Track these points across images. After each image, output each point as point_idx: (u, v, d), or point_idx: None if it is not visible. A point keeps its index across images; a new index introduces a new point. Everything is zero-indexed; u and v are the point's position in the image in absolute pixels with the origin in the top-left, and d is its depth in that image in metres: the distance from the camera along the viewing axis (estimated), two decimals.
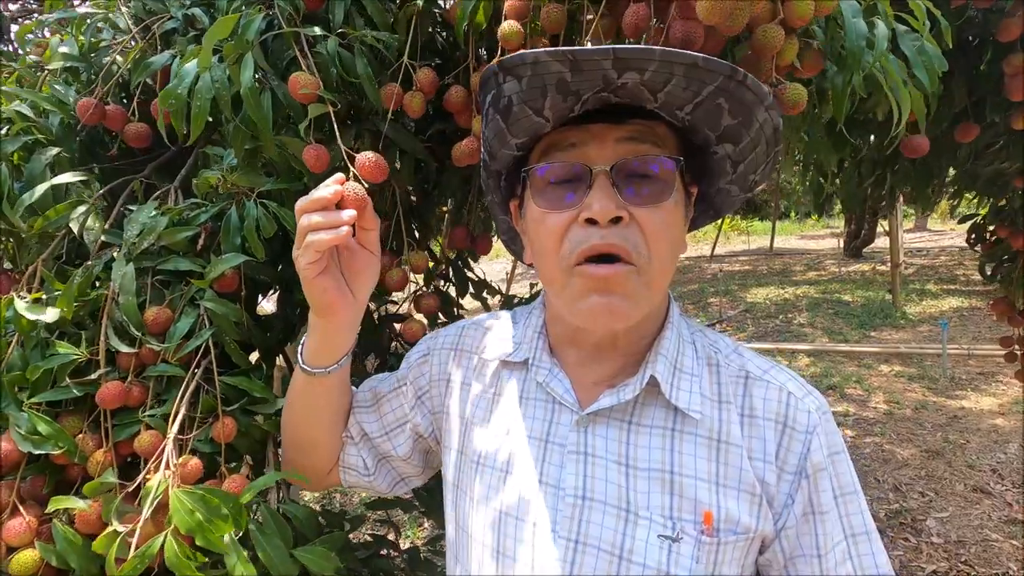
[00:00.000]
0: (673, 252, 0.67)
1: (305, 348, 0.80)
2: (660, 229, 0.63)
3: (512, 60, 0.61)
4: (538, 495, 0.68)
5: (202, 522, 0.73)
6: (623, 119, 0.64)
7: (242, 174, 0.91)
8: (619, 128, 0.64)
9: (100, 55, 1.07)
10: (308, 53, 0.84)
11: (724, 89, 0.60)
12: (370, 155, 0.76)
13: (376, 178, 0.77)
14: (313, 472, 0.87)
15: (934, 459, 3.74)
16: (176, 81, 0.80)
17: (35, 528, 0.82)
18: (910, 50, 0.91)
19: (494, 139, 0.70)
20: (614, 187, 0.62)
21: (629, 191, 0.62)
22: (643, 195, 0.63)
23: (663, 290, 0.68)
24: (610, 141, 0.64)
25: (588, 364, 0.73)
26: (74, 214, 0.96)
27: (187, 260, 0.94)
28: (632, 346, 0.71)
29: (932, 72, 0.93)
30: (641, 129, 0.65)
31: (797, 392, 0.68)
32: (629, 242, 0.62)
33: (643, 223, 0.62)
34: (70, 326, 0.92)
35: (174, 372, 0.89)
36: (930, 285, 8.87)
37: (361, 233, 0.75)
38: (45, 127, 1.01)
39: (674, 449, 0.66)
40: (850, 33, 0.78)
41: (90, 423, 0.88)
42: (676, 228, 0.66)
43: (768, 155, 0.69)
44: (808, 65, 0.83)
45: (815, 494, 0.64)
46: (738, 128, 0.65)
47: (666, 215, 0.64)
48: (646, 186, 0.63)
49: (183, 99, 0.80)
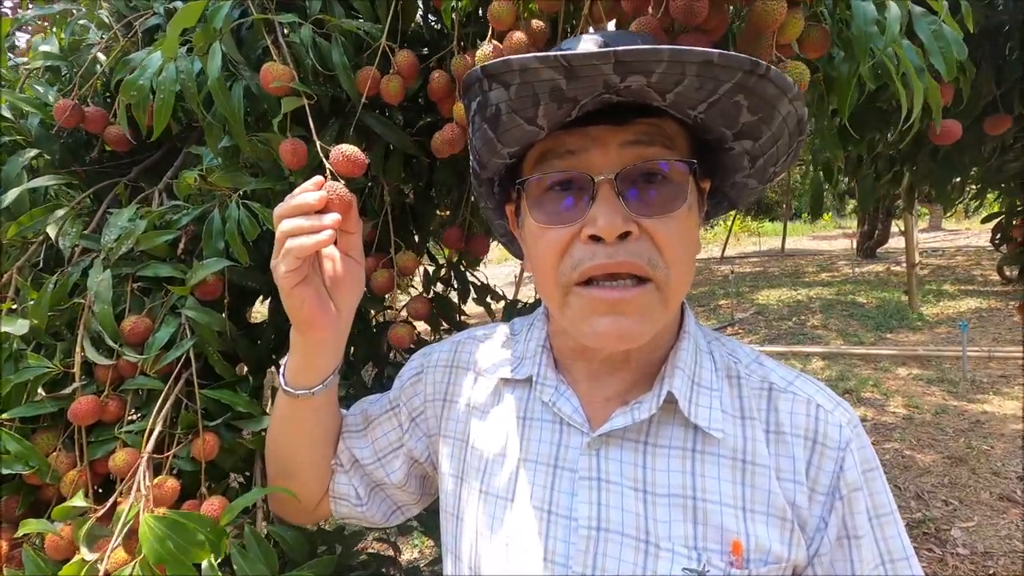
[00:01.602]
0: (691, 260, 0.61)
1: (287, 367, 0.73)
2: (675, 239, 0.56)
3: (496, 67, 0.53)
4: (548, 527, 0.62)
5: (173, 551, 0.67)
6: (627, 119, 0.57)
7: (224, 174, 0.86)
8: (623, 130, 0.57)
9: (82, 54, 1.02)
10: (282, 43, 0.79)
11: (743, 85, 0.52)
12: (345, 148, 0.70)
13: (352, 173, 0.70)
14: (301, 505, 0.80)
15: (957, 466, 3.61)
16: (139, 71, 0.75)
17: (6, 553, 0.77)
18: (926, 34, 0.83)
19: (483, 148, 0.63)
20: (620, 197, 0.55)
21: (638, 201, 0.56)
22: (653, 205, 0.56)
23: (680, 303, 0.62)
24: (614, 146, 0.57)
25: (598, 379, 0.66)
26: (52, 219, 0.91)
27: (168, 266, 0.89)
28: (646, 359, 0.65)
29: (950, 59, 0.85)
30: (648, 130, 0.57)
31: (826, 405, 0.61)
32: (643, 257, 0.55)
33: (655, 235, 0.56)
34: (46, 337, 0.87)
35: (153, 385, 0.83)
36: (947, 286, 8.69)
37: (343, 238, 0.68)
38: (24, 128, 0.97)
39: (695, 472, 0.60)
40: (857, 16, 0.71)
41: (65, 439, 0.83)
42: (691, 234, 0.60)
43: (791, 146, 0.62)
44: (811, 44, 0.75)
45: (850, 516, 0.58)
46: (758, 124, 0.57)
47: (680, 223, 0.57)
48: (657, 194, 0.56)
49: (145, 90, 0.75)
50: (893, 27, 0.73)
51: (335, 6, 0.83)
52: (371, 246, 1.03)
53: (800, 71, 0.70)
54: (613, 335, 0.56)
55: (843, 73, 0.79)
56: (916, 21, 0.83)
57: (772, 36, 0.70)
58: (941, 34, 0.84)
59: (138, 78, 0.75)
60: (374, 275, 0.99)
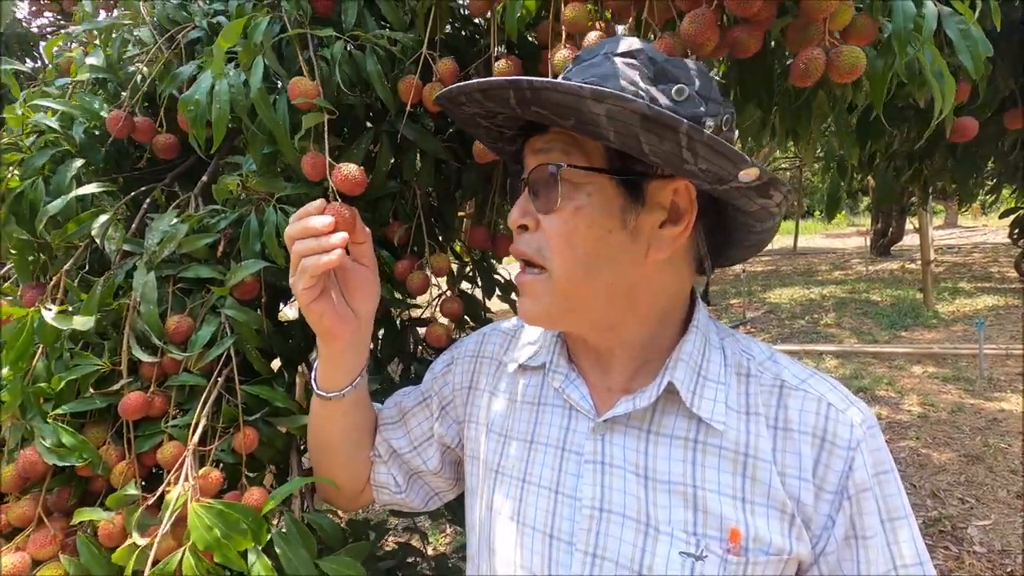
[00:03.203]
0: (581, 256, 0.62)
1: (317, 374, 0.79)
2: (559, 234, 0.62)
3: (439, 99, 0.66)
4: (555, 505, 0.66)
5: (220, 538, 0.71)
6: (546, 128, 0.64)
7: (261, 179, 0.90)
8: (540, 138, 0.65)
9: (126, 66, 1.07)
10: (315, 57, 0.83)
11: (532, 100, 0.57)
12: (351, 168, 0.77)
13: (352, 191, 0.77)
14: (344, 494, 0.86)
15: (974, 464, 3.59)
16: (194, 88, 0.79)
17: (60, 541, 0.81)
18: (955, 33, 0.85)
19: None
20: (533, 195, 0.64)
21: (536, 199, 0.64)
22: (542, 202, 0.63)
23: (580, 294, 0.63)
24: (532, 151, 0.66)
25: (602, 369, 0.70)
26: (96, 224, 0.95)
27: (208, 267, 0.93)
28: (639, 352, 0.68)
29: (977, 57, 0.87)
30: (556, 138, 0.63)
31: (839, 404, 0.62)
32: (531, 247, 0.64)
33: (544, 229, 0.63)
34: (93, 336, 0.91)
35: (195, 381, 0.87)
36: (963, 283, 8.59)
37: (353, 248, 0.74)
38: (71, 138, 1.01)
39: (696, 462, 0.62)
40: (897, 14, 0.73)
41: (113, 434, 0.88)
42: (581, 233, 0.61)
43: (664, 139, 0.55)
44: (858, 34, 0.77)
45: (858, 516, 0.59)
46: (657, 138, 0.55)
47: (565, 221, 0.62)
48: (545, 194, 0.63)
49: (202, 105, 0.79)
50: (930, 25, 0.75)
51: (368, 19, 0.87)
52: (405, 249, 1.07)
53: (857, 55, 0.72)
54: (521, 312, 0.68)
55: (878, 68, 0.81)
56: (945, 20, 0.84)
57: (823, 24, 0.73)
58: (969, 33, 0.85)
59: (193, 94, 0.80)
60: (410, 277, 1.03)
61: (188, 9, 1.03)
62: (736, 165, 0.55)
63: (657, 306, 0.67)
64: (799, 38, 0.76)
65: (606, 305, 0.65)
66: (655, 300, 0.66)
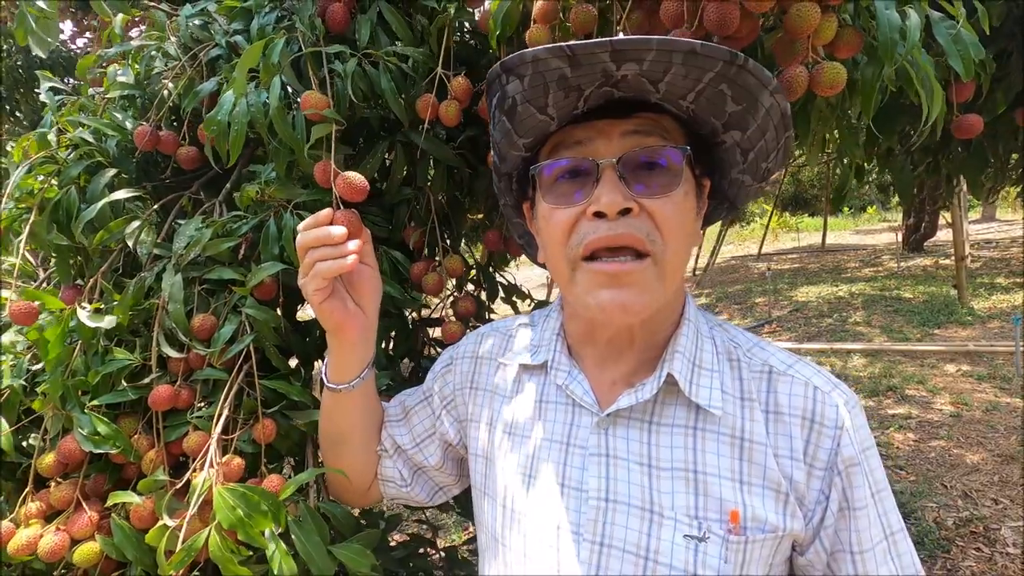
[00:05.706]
0: (687, 242, 0.66)
1: (327, 367, 0.83)
2: (672, 218, 0.62)
3: (512, 60, 0.61)
4: (561, 498, 0.68)
5: (243, 518, 0.76)
6: (628, 113, 0.64)
7: (279, 186, 0.96)
8: (624, 122, 0.64)
9: (153, 83, 1.15)
10: (328, 73, 0.88)
11: (724, 75, 0.59)
12: (353, 175, 0.80)
13: (354, 198, 0.81)
14: (353, 487, 0.90)
15: (1008, 464, 3.48)
16: (217, 108, 0.86)
17: (96, 523, 0.88)
18: (945, 38, 0.86)
19: (502, 140, 0.71)
20: (622, 180, 0.62)
21: (637, 184, 0.62)
22: (652, 186, 0.62)
23: (677, 282, 0.67)
24: (615, 135, 0.64)
25: (606, 363, 0.73)
26: (128, 229, 1.02)
27: (230, 269, 0.99)
28: (648, 342, 0.71)
29: (968, 62, 0.88)
30: (646, 122, 0.64)
31: (824, 387, 0.66)
32: (642, 231, 0.61)
33: (654, 213, 0.62)
34: (126, 334, 0.98)
35: (218, 376, 0.93)
36: (1000, 279, 8.29)
37: None
38: (105, 150, 1.09)
39: (696, 448, 0.65)
40: (882, 24, 0.75)
41: (144, 424, 0.94)
42: (688, 218, 0.66)
43: (778, 141, 0.68)
44: (844, 46, 0.79)
45: (850, 490, 0.62)
46: (743, 114, 0.64)
47: (677, 205, 0.63)
48: (655, 177, 0.63)
49: (223, 125, 0.85)
50: (914, 34, 0.77)
51: (380, 36, 0.92)
52: (420, 252, 1.12)
53: (837, 71, 0.74)
54: (616, 306, 0.62)
55: (867, 77, 0.83)
56: (935, 25, 0.85)
57: (808, 40, 0.75)
58: (959, 37, 0.87)
59: (216, 114, 0.87)
60: (425, 278, 1.08)
61: (209, 28, 1.10)
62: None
63: (678, 291, 0.71)
64: (786, 53, 0.78)
65: (676, 293, 0.69)
66: (681, 284, 0.70)
